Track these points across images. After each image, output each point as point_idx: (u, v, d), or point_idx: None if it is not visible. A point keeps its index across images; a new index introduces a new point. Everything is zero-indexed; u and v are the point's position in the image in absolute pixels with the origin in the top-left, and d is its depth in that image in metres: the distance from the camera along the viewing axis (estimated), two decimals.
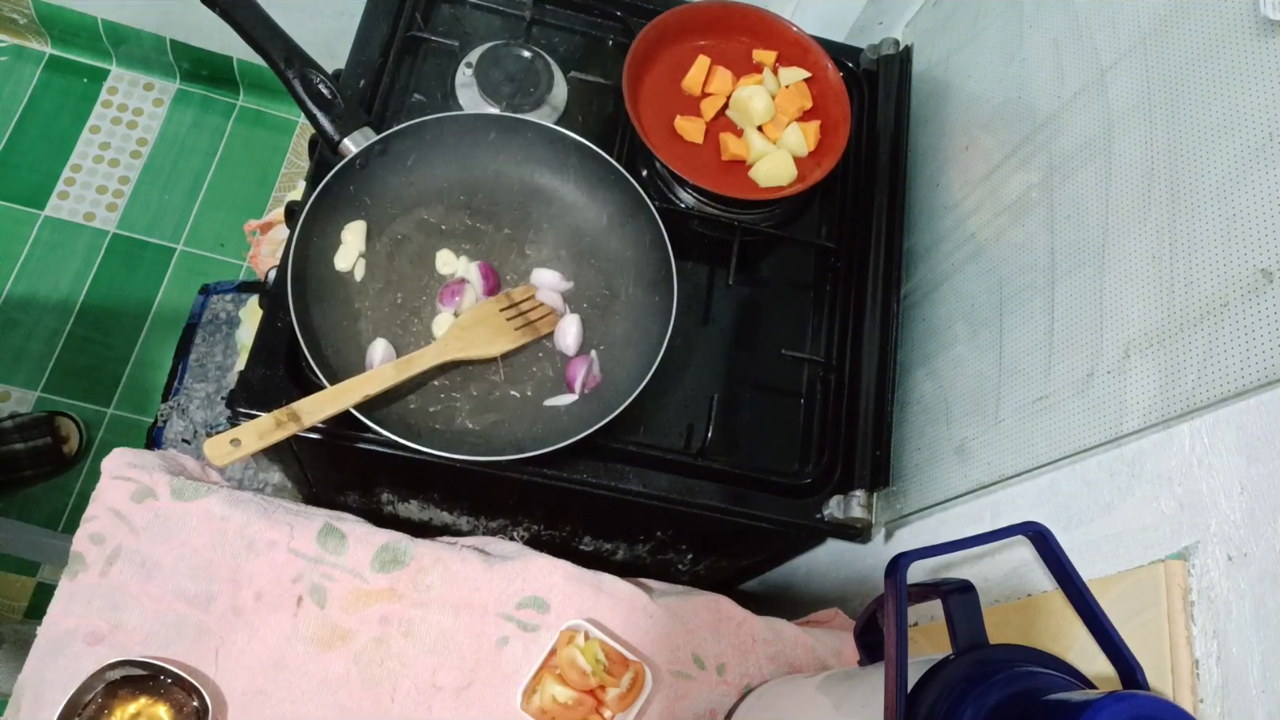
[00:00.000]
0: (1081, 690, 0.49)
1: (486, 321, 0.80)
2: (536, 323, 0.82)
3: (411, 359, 0.77)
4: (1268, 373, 0.51)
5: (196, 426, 1.40)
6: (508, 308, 0.81)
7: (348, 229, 0.82)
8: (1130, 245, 0.64)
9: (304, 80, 0.81)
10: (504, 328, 0.80)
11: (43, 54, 1.77)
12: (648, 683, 0.74)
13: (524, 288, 0.84)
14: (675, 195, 0.95)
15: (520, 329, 0.81)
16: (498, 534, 1.04)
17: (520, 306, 0.82)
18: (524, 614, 0.77)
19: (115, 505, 0.74)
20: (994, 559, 0.72)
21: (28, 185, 1.69)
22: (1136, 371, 0.61)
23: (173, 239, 1.71)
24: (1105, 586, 0.59)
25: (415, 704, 0.73)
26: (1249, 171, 0.55)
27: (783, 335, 0.94)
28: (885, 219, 0.95)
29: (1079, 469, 0.66)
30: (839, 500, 0.85)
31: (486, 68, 0.92)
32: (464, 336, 0.79)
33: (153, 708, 0.68)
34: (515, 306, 0.81)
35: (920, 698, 0.51)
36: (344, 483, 1.01)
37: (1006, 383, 0.75)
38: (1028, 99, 0.81)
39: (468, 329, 0.79)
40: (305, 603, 0.74)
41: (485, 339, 0.79)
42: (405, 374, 0.76)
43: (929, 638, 0.76)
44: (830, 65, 0.97)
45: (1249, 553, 0.51)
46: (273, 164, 1.80)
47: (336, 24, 1.47)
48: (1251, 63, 0.57)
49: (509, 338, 0.80)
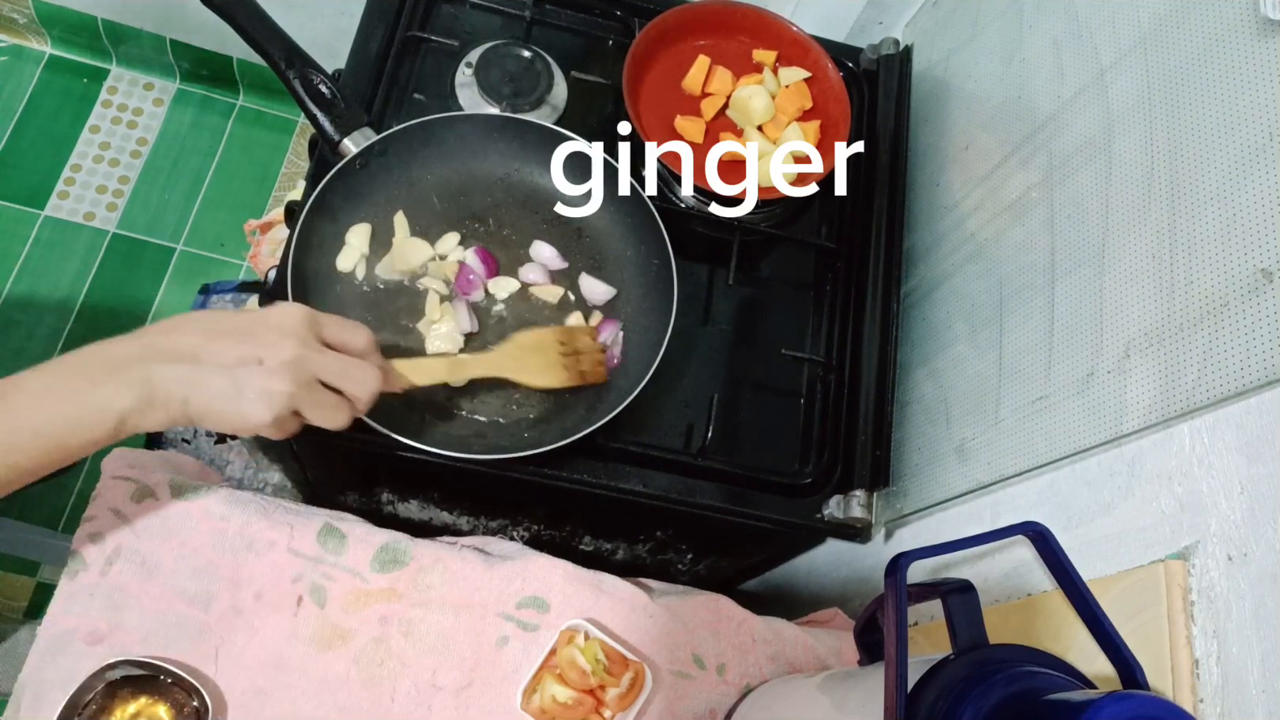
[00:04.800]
0: (1081, 690, 0.49)
1: (544, 351, 0.77)
2: (586, 372, 0.79)
3: (463, 362, 0.75)
4: (1268, 373, 0.51)
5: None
6: (566, 344, 0.78)
7: (352, 231, 0.82)
8: (1130, 245, 0.64)
9: (304, 80, 0.81)
10: (557, 363, 0.77)
11: (43, 54, 1.77)
12: (648, 683, 0.74)
13: (586, 327, 0.81)
14: (675, 195, 0.95)
15: (570, 372, 0.77)
16: (498, 534, 1.04)
17: (578, 348, 0.78)
18: (524, 614, 0.77)
19: (115, 505, 0.74)
20: (994, 559, 0.72)
21: (28, 185, 1.69)
22: (1136, 371, 0.61)
23: (173, 239, 1.71)
24: (1105, 586, 0.59)
25: (415, 704, 0.73)
26: (1249, 171, 0.55)
27: (783, 335, 0.94)
28: (885, 219, 0.95)
29: (1079, 469, 0.66)
30: (839, 500, 0.85)
31: (486, 68, 0.92)
32: (520, 359, 0.76)
33: (153, 708, 0.68)
34: (574, 347, 0.78)
35: (920, 698, 0.51)
36: (344, 483, 1.01)
37: (1006, 382, 0.75)
38: (1028, 99, 0.81)
39: (526, 352, 0.76)
40: (305, 603, 0.74)
41: (539, 369, 0.76)
42: (454, 376, 0.74)
43: (929, 638, 0.76)
44: (830, 65, 0.97)
45: (1249, 553, 0.51)
46: (273, 164, 1.80)
47: (336, 24, 1.47)
48: (1251, 63, 0.57)
49: (558, 376, 0.77)
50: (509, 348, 0.77)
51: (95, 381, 0.57)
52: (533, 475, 0.81)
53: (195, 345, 0.59)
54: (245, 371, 0.59)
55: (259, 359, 0.59)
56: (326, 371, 0.62)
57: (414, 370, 0.72)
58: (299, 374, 0.60)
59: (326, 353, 0.63)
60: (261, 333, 0.60)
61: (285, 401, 0.60)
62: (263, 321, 0.61)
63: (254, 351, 0.59)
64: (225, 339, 0.59)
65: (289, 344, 0.60)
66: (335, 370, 0.63)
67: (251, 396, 0.59)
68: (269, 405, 0.59)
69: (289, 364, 0.60)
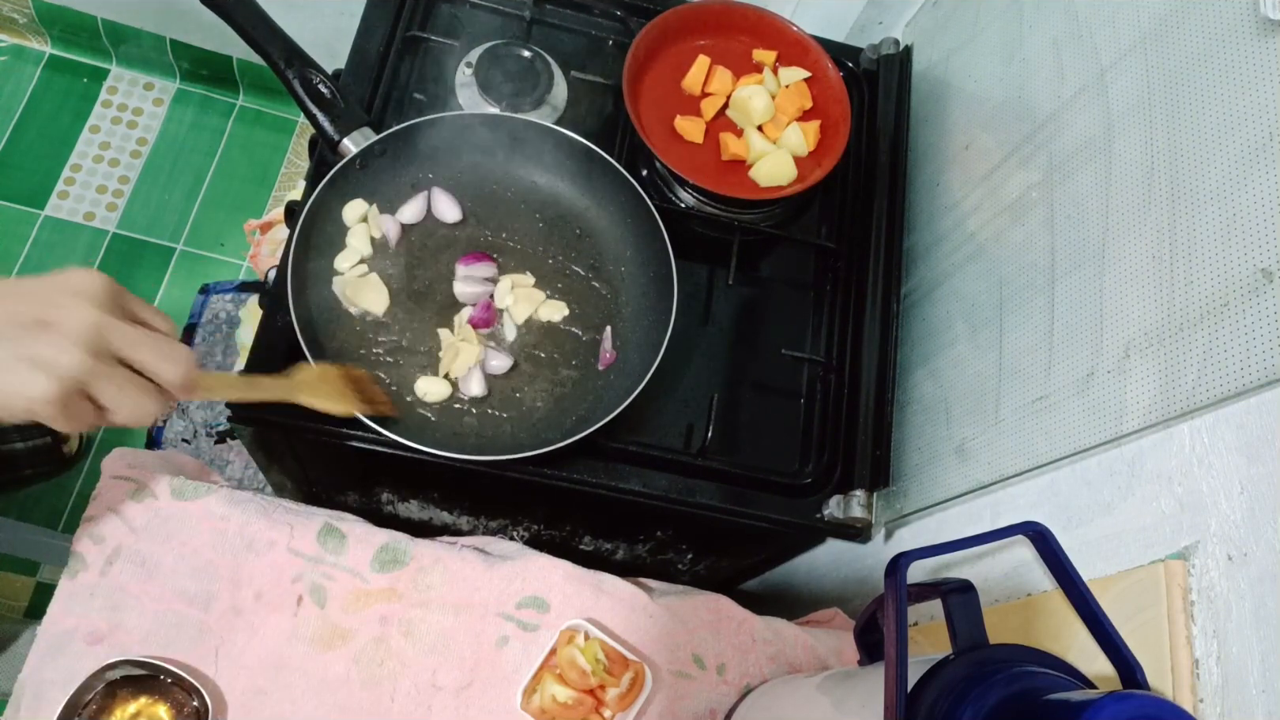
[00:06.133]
0: (1081, 690, 0.49)
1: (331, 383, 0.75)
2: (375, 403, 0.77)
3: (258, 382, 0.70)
4: (1268, 373, 0.51)
5: (196, 426, 1.40)
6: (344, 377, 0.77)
7: (352, 233, 0.82)
8: (1130, 245, 0.64)
9: (304, 80, 0.81)
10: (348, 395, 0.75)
11: (43, 53, 1.77)
12: (648, 683, 0.74)
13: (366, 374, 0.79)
14: (675, 195, 0.95)
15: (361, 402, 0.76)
16: (498, 534, 1.04)
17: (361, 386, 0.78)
18: (524, 614, 0.77)
19: (115, 505, 0.74)
20: (994, 559, 0.72)
21: (28, 185, 1.69)
22: (1136, 371, 0.61)
23: (172, 239, 1.71)
24: (1105, 586, 0.59)
25: (415, 704, 0.73)
26: (1249, 171, 0.55)
27: (783, 335, 0.94)
28: (885, 219, 0.95)
29: (1079, 469, 0.66)
30: (839, 500, 0.85)
31: (486, 67, 0.92)
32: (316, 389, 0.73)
33: (153, 707, 0.68)
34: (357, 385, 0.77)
35: (920, 698, 0.51)
36: (344, 483, 1.01)
37: (1006, 382, 0.75)
38: (1028, 99, 0.81)
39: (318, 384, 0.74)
40: (305, 602, 0.74)
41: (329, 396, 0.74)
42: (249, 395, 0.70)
43: (929, 638, 0.76)
44: (830, 65, 0.97)
45: (1249, 553, 0.51)
46: (273, 164, 1.80)
47: (336, 24, 1.47)
48: (1251, 63, 0.57)
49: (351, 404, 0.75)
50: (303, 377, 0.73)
51: None
52: (533, 475, 0.81)
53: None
54: (24, 335, 0.49)
55: (44, 322, 0.49)
56: (131, 344, 0.52)
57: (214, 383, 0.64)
58: (95, 343, 0.50)
59: (129, 327, 0.53)
60: (51, 294, 0.50)
61: (75, 373, 0.49)
62: (55, 283, 0.51)
63: (37, 312, 0.49)
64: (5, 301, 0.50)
65: (84, 308, 0.50)
66: (141, 343, 0.52)
67: (27, 365, 0.48)
68: (52, 377, 0.49)
69: (82, 331, 0.50)
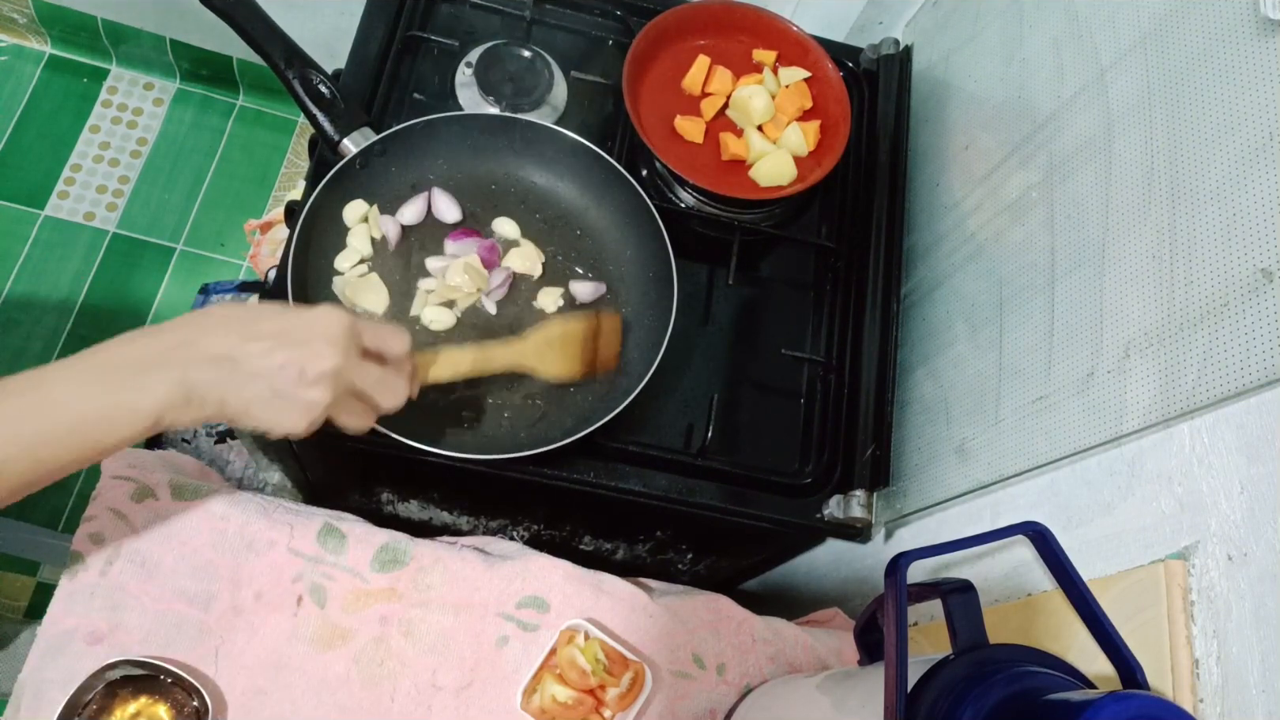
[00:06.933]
0: (1081, 690, 0.49)
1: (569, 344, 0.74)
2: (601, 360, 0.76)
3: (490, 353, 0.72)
4: (1268, 372, 0.51)
5: (196, 426, 1.40)
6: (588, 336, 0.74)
7: (353, 233, 0.82)
8: (1130, 245, 0.64)
9: (304, 80, 0.81)
10: (576, 357, 0.74)
11: (43, 53, 1.77)
12: (648, 683, 0.74)
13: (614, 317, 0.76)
14: (675, 195, 0.95)
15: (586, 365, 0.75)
16: (498, 534, 1.04)
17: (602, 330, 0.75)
18: (524, 614, 0.77)
19: (115, 505, 0.74)
20: (994, 559, 0.72)
21: (28, 185, 1.69)
22: (1136, 371, 0.61)
23: (172, 239, 1.71)
24: (1105, 586, 0.59)
25: (415, 704, 0.73)
26: (1249, 171, 0.55)
27: (783, 335, 0.94)
28: (885, 219, 0.95)
29: (1079, 469, 0.66)
30: (839, 500, 0.85)
31: (486, 67, 0.92)
32: (543, 351, 0.74)
33: (153, 707, 0.68)
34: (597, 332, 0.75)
35: (920, 698, 0.51)
36: (344, 483, 1.01)
37: (1006, 382, 0.75)
38: (1028, 99, 0.81)
39: (552, 345, 0.74)
40: (305, 602, 0.74)
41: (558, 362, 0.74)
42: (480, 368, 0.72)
43: (929, 638, 0.76)
44: (830, 65, 0.97)
45: (1249, 553, 0.51)
46: (273, 164, 1.80)
47: (336, 24, 1.47)
48: (1251, 63, 0.57)
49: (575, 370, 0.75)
50: (536, 339, 0.75)
51: (130, 379, 0.55)
52: (533, 475, 0.81)
53: (233, 347, 0.57)
54: (284, 379, 0.58)
55: (300, 368, 0.58)
56: (363, 384, 0.62)
57: (441, 363, 0.70)
58: (338, 385, 0.60)
59: (365, 364, 0.62)
60: (304, 339, 0.59)
61: (321, 412, 0.60)
62: (306, 327, 0.59)
63: (295, 358, 0.58)
64: (264, 341, 0.58)
65: (330, 354, 0.59)
66: (371, 382, 0.62)
67: (289, 404, 0.58)
68: (306, 414, 0.59)
69: (329, 375, 0.59)
